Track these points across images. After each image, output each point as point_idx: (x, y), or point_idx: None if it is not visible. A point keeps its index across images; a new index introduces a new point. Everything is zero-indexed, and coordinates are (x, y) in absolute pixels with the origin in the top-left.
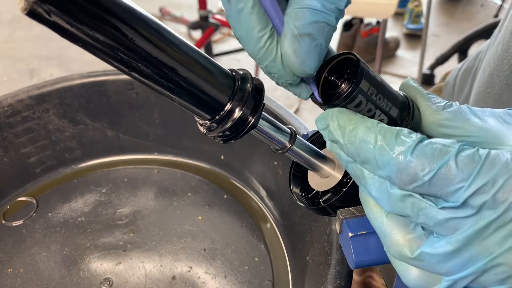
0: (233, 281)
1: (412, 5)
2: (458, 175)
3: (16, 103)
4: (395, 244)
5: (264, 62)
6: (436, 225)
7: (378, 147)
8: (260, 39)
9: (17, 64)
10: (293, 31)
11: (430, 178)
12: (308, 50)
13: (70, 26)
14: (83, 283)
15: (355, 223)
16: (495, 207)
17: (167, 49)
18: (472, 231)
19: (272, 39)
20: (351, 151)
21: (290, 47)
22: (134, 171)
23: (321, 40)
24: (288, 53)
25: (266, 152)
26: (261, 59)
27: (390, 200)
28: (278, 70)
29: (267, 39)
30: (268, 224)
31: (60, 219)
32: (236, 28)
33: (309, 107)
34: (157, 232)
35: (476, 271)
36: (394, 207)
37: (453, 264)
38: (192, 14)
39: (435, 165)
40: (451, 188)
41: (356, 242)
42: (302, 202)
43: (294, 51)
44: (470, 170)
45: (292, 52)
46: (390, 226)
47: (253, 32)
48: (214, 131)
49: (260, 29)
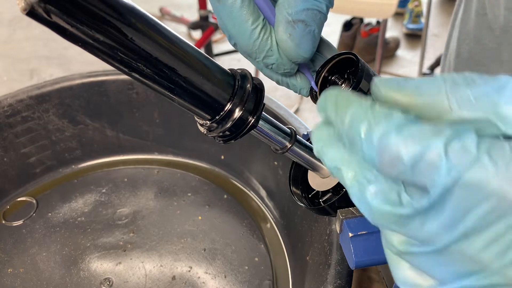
0: (233, 281)
1: (412, 5)
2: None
3: (16, 103)
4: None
5: (261, 54)
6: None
7: (366, 122)
8: (254, 31)
9: (17, 64)
10: (287, 17)
11: (413, 163)
12: (302, 35)
13: (70, 26)
14: (83, 283)
15: (355, 223)
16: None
17: (167, 49)
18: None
19: (266, 29)
20: (340, 129)
21: (285, 32)
22: (134, 171)
23: (314, 26)
24: (284, 37)
25: (266, 152)
26: (257, 52)
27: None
28: (276, 59)
29: (261, 30)
30: (268, 224)
31: (60, 219)
32: (228, 26)
33: (309, 107)
34: (157, 232)
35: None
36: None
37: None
38: (192, 14)
39: (420, 146)
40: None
41: (356, 242)
42: (302, 202)
43: (289, 35)
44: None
45: (287, 37)
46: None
47: (246, 26)
48: (214, 131)
49: (253, 21)
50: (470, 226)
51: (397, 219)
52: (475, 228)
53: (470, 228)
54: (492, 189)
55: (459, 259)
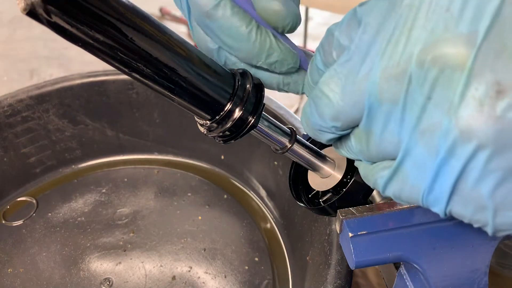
0: (233, 281)
1: None
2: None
3: (16, 103)
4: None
5: (262, 55)
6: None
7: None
8: (251, 33)
9: (17, 64)
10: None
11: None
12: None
13: (70, 27)
14: (83, 283)
15: (355, 223)
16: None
17: (167, 49)
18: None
19: (260, 29)
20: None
21: (269, 2)
22: (134, 171)
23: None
24: (268, 3)
25: (266, 152)
26: (259, 54)
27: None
28: (278, 55)
29: (256, 31)
30: (268, 224)
31: (60, 219)
32: (224, 39)
33: None
34: (157, 232)
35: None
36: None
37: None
38: None
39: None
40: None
41: (356, 242)
42: (302, 202)
43: (275, 4)
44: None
45: (274, 5)
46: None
47: (241, 31)
48: (214, 131)
49: (246, 25)
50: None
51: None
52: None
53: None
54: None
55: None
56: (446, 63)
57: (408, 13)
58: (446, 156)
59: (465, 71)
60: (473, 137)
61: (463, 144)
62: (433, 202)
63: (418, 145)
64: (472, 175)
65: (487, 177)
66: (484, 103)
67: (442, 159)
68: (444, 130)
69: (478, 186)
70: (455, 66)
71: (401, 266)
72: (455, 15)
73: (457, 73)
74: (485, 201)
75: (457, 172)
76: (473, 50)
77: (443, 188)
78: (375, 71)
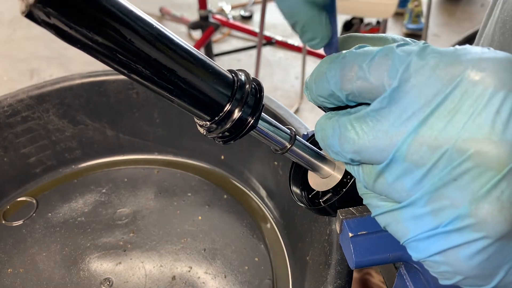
0: (233, 281)
1: (412, 5)
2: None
3: (16, 103)
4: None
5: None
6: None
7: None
8: None
9: (17, 64)
10: None
11: (369, 65)
12: None
13: (69, 29)
14: (83, 283)
15: (355, 223)
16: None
17: (165, 50)
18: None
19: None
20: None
21: None
22: (134, 171)
23: None
24: None
25: (266, 152)
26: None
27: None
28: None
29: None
30: (268, 224)
31: (60, 219)
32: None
33: (309, 107)
34: (157, 232)
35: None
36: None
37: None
38: (192, 14)
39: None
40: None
41: (356, 242)
42: (302, 203)
43: None
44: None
45: None
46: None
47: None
48: (214, 132)
49: None
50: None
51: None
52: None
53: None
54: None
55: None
56: (484, 161)
57: (460, 96)
58: (451, 230)
59: (500, 175)
60: (484, 229)
61: (472, 232)
62: (414, 248)
63: (426, 206)
64: (466, 252)
65: (477, 255)
66: (504, 207)
67: (446, 230)
68: (460, 212)
69: (467, 260)
70: (492, 167)
71: (401, 266)
72: (503, 121)
73: (491, 172)
74: (464, 271)
75: (454, 244)
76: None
77: (432, 247)
78: (412, 133)
